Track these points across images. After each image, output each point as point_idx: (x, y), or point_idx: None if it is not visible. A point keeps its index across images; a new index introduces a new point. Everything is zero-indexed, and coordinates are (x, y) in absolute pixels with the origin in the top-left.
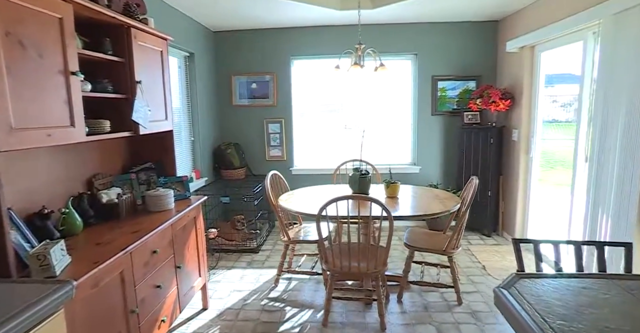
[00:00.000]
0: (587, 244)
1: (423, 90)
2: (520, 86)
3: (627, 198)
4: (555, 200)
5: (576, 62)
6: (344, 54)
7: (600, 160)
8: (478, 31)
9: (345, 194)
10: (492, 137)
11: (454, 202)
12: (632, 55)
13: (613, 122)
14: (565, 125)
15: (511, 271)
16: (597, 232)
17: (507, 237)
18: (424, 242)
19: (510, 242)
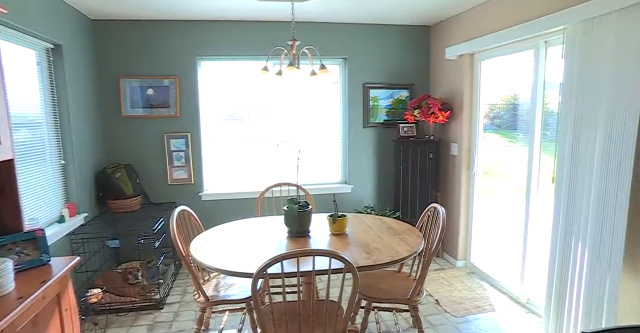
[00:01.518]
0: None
1: (354, 99)
2: (460, 97)
3: (610, 229)
4: (503, 221)
5: (524, 72)
6: (272, 55)
7: (571, 181)
8: (411, 36)
9: (279, 234)
10: (431, 151)
11: (415, 238)
12: (607, 67)
13: (587, 138)
14: (515, 138)
15: (465, 303)
16: (569, 262)
17: (449, 259)
18: (382, 289)
19: (454, 265)
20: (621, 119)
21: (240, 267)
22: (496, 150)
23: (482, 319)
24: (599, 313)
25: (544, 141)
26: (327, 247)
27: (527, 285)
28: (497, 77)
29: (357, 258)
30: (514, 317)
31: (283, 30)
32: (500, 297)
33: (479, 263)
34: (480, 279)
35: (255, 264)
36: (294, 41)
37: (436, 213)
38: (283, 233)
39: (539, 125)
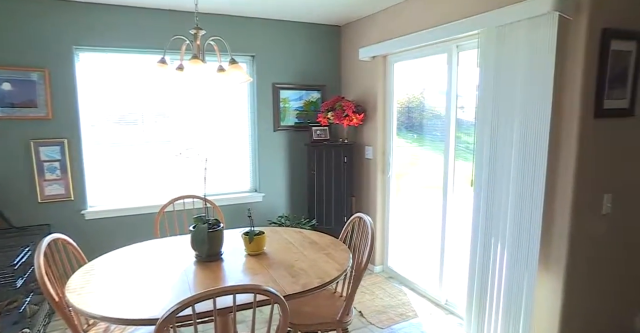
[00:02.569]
0: None
1: (263, 100)
2: (374, 99)
3: (527, 232)
4: (420, 224)
5: (438, 75)
6: (170, 49)
7: (489, 185)
8: (322, 35)
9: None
10: (345, 155)
11: (342, 253)
12: (520, 72)
13: (504, 143)
14: (430, 141)
15: (388, 312)
16: (489, 263)
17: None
18: (308, 313)
19: (372, 270)
20: (535, 124)
21: (137, 313)
22: (411, 153)
23: (407, 327)
24: (517, 311)
25: (437, 141)
26: (244, 271)
27: (445, 287)
28: (411, 80)
29: (283, 284)
30: (437, 321)
31: (184, 21)
32: (421, 301)
33: (396, 268)
34: (399, 284)
35: (156, 306)
36: (197, 30)
37: (362, 223)
38: (190, 257)
39: (454, 128)
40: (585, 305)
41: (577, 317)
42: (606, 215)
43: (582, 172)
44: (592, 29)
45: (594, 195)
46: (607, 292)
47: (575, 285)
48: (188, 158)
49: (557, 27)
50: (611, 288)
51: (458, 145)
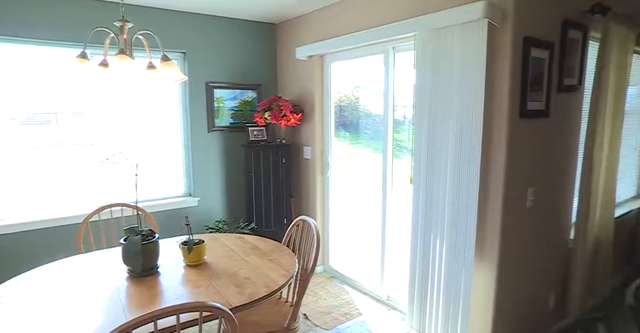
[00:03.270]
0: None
1: (196, 99)
2: (311, 98)
3: (464, 226)
4: (360, 223)
5: (376, 75)
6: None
7: (428, 183)
8: (257, 33)
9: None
10: (283, 155)
11: (288, 257)
12: (454, 74)
13: (441, 142)
14: (369, 141)
15: (333, 312)
16: (429, 258)
17: None
18: (254, 322)
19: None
20: (469, 123)
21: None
22: (349, 152)
23: (352, 326)
24: (456, 301)
25: (375, 140)
26: (184, 284)
27: (387, 283)
28: (349, 79)
29: (228, 296)
30: (380, 317)
31: (107, 12)
32: (364, 299)
33: (338, 267)
34: (341, 283)
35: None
36: (124, 22)
37: (306, 226)
38: (122, 273)
39: (391, 127)
40: (514, 290)
41: (507, 300)
42: (530, 208)
43: (510, 168)
44: (515, 36)
45: (521, 189)
46: (530, 276)
47: (505, 273)
48: (116, 163)
49: (487, 33)
50: (533, 273)
51: (395, 144)
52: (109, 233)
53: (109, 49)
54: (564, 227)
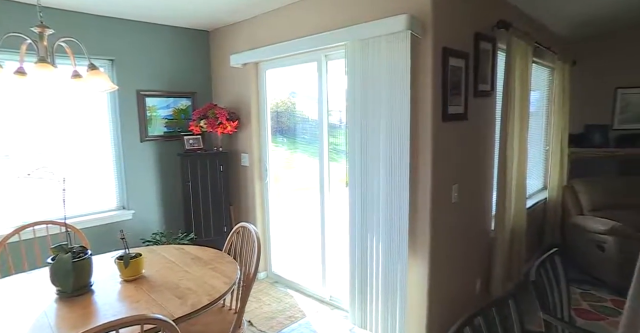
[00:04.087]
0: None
1: (126, 109)
2: (247, 106)
3: (398, 223)
4: (300, 227)
5: (310, 82)
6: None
7: (363, 185)
8: (190, 40)
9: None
10: (221, 163)
11: (229, 265)
12: (383, 81)
13: (373, 144)
14: (305, 147)
15: (277, 317)
16: (367, 256)
17: None
18: (197, 332)
19: (257, 278)
20: (398, 126)
21: None
22: (286, 158)
23: (297, 328)
24: (394, 295)
25: (311, 145)
26: (121, 301)
27: (329, 284)
28: (284, 86)
29: (170, 308)
30: (323, 318)
31: (22, 15)
32: (307, 301)
33: (281, 272)
34: (285, 287)
35: None
36: (43, 28)
37: (247, 233)
38: (50, 295)
39: (326, 132)
40: (444, 279)
41: (439, 288)
42: (455, 203)
43: (436, 167)
44: (435, 46)
45: (446, 187)
46: (458, 265)
47: (436, 264)
48: (41, 179)
49: (410, 43)
50: (460, 262)
51: (332, 148)
52: (32, 254)
53: (27, 55)
54: (485, 219)
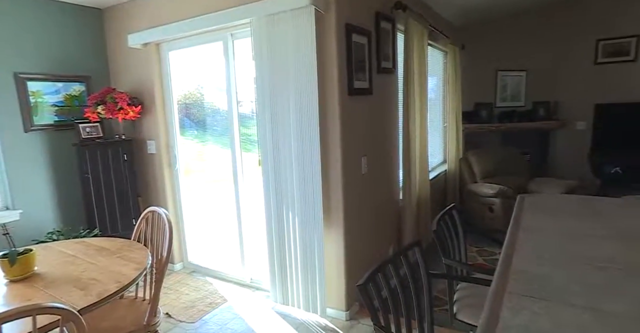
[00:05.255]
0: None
1: (2, 94)
2: (150, 90)
3: (312, 198)
4: (215, 213)
5: (217, 69)
6: None
7: (276, 164)
8: (81, 18)
9: None
10: (125, 152)
11: (139, 251)
12: (290, 59)
13: (283, 124)
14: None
15: (197, 305)
16: (284, 231)
17: None
18: (108, 329)
19: (172, 270)
20: (307, 104)
21: None
22: (199, 149)
23: (218, 314)
24: (313, 269)
25: (221, 136)
26: (8, 302)
27: (248, 267)
28: (192, 71)
29: (72, 300)
30: (245, 300)
31: None
32: (228, 286)
33: (198, 261)
34: (203, 276)
35: None
36: None
37: (157, 217)
38: None
39: (236, 120)
40: (358, 246)
41: (354, 257)
42: (365, 174)
43: (345, 140)
44: (338, 23)
45: (356, 159)
46: (371, 233)
47: (351, 234)
48: None
49: (315, 19)
50: (373, 231)
51: (246, 139)
52: None
53: None
54: (394, 189)
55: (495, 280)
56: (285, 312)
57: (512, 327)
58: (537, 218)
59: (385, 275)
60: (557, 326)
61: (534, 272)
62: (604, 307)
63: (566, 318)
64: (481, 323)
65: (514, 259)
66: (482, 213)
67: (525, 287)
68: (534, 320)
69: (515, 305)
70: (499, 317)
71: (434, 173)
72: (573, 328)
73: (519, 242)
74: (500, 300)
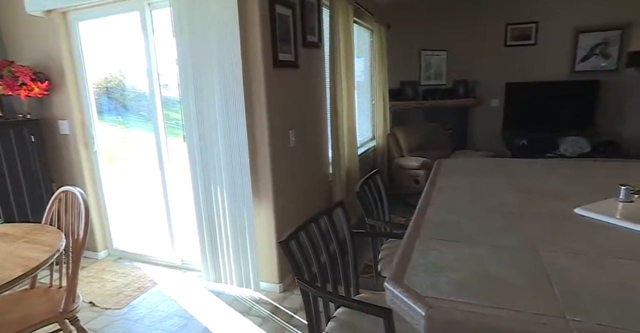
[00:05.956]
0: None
1: None
2: (59, 64)
3: (240, 172)
4: (142, 196)
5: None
6: None
7: (201, 138)
8: None
9: None
10: (32, 133)
11: (51, 234)
12: (212, 30)
13: (209, 100)
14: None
15: (124, 291)
16: (213, 208)
17: (87, 254)
18: (14, 321)
19: (96, 258)
20: (231, 78)
21: None
22: (125, 137)
23: (148, 297)
24: (244, 245)
25: (147, 122)
26: None
27: (179, 248)
28: (108, 48)
29: None
30: (177, 282)
31: None
32: (158, 270)
33: (125, 247)
34: (131, 261)
35: None
36: None
37: (71, 197)
38: None
39: (159, 101)
40: (290, 219)
41: (285, 229)
42: (293, 147)
43: (272, 113)
44: None
45: (283, 131)
46: (302, 205)
47: (281, 206)
48: None
49: None
50: (304, 202)
51: (175, 123)
52: None
53: None
54: (324, 163)
55: (410, 228)
56: (219, 289)
57: (421, 264)
58: (451, 179)
59: (309, 234)
60: (459, 260)
61: (445, 220)
62: (499, 243)
63: (467, 254)
64: (394, 264)
65: (427, 211)
66: (409, 185)
67: (436, 232)
68: (441, 258)
69: (426, 248)
70: (410, 257)
71: (364, 149)
72: (472, 260)
73: (433, 199)
74: (413, 244)
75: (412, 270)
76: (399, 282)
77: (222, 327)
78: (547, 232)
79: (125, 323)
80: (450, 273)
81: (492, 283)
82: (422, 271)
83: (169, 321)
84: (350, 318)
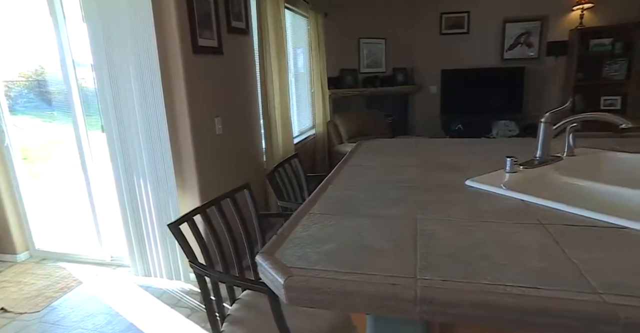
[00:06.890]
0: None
1: None
2: None
3: (162, 163)
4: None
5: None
6: None
7: (120, 127)
8: None
9: None
10: None
11: None
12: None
13: (125, 88)
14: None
15: (44, 293)
16: (137, 200)
17: (4, 258)
18: None
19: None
20: (147, 66)
21: None
22: (41, 131)
23: (71, 297)
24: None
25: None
26: None
27: (106, 245)
28: (16, 36)
29: None
30: (105, 279)
31: None
32: (85, 268)
33: (48, 247)
34: (55, 261)
35: None
36: None
37: None
38: None
39: (77, 92)
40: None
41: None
42: (220, 135)
43: (193, 100)
44: None
45: (207, 119)
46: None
47: (207, 194)
48: None
49: None
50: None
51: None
52: None
53: None
54: (257, 151)
55: (303, 205)
56: (148, 283)
57: (299, 237)
58: (365, 157)
59: (208, 217)
60: (339, 231)
61: (341, 195)
62: (383, 213)
63: (349, 225)
64: (273, 238)
65: (328, 189)
66: None
67: (327, 207)
68: (321, 230)
69: (310, 222)
70: (291, 232)
71: (303, 137)
72: (351, 230)
73: (339, 176)
74: (299, 220)
75: (288, 243)
76: (270, 256)
77: (149, 321)
78: (433, 203)
79: (42, 327)
80: (325, 244)
81: (361, 250)
82: (297, 244)
83: (91, 320)
84: (253, 299)
